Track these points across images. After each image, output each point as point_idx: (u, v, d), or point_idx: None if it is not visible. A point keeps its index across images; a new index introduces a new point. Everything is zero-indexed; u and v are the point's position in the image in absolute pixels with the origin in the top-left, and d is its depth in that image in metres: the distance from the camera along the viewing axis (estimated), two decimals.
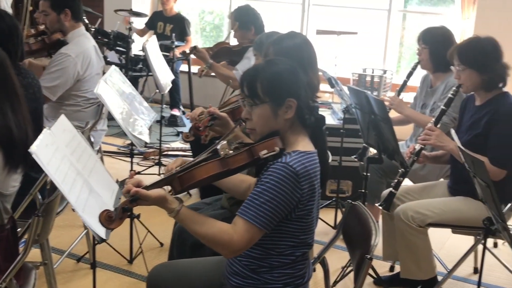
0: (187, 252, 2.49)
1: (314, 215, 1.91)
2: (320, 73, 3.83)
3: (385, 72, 6.05)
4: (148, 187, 1.76)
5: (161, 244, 3.54)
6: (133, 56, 5.92)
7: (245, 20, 4.24)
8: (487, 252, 3.37)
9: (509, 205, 2.91)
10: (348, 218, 2.26)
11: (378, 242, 1.92)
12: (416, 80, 3.89)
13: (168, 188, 1.81)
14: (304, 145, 1.88)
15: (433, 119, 3.07)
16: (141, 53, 5.80)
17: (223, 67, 4.20)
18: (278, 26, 5.34)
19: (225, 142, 1.80)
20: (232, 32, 4.33)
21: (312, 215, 1.88)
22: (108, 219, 1.69)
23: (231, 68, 4.23)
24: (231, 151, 1.78)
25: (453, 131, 2.53)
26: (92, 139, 3.38)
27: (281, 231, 1.85)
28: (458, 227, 2.98)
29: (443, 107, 3.05)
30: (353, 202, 2.24)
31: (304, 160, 1.81)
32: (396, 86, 3.89)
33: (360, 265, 1.91)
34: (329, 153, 2.98)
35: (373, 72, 6.01)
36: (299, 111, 1.88)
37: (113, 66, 3.35)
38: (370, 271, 3.10)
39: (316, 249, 2.35)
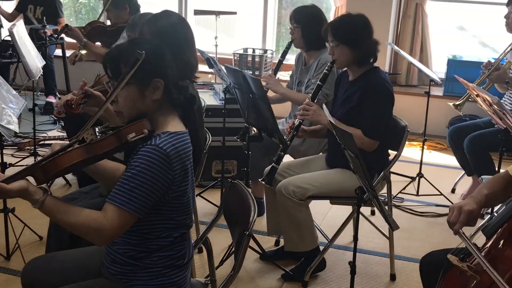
0: (64, 244, 2.40)
1: (190, 195, 1.89)
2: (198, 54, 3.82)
3: (265, 51, 6.14)
4: (8, 179, 1.65)
5: (40, 238, 3.38)
6: (2, 41, 5.55)
7: None
8: (366, 219, 3.59)
9: (382, 173, 3.07)
10: (229, 197, 2.27)
11: (256, 219, 1.94)
12: (292, 59, 3.98)
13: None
14: (174, 125, 1.85)
15: (310, 95, 3.16)
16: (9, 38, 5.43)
17: (99, 47, 4.05)
18: (155, 8, 5.22)
19: (90, 128, 1.71)
20: (105, 13, 4.18)
21: (187, 195, 1.86)
22: None
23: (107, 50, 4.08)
24: (98, 136, 1.70)
25: (324, 106, 2.62)
26: None
27: (156, 214, 1.82)
28: (336, 198, 3.11)
29: (319, 83, 3.15)
30: (232, 181, 2.25)
31: (175, 141, 1.79)
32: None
33: (240, 241, 1.93)
34: (209, 134, 2.98)
35: (253, 52, 6.07)
36: (167, 91, 1.85)
37: None
38: (256, 247, 3.16)
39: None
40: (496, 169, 3.13)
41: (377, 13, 5.43)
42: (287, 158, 3.60)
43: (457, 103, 3.94)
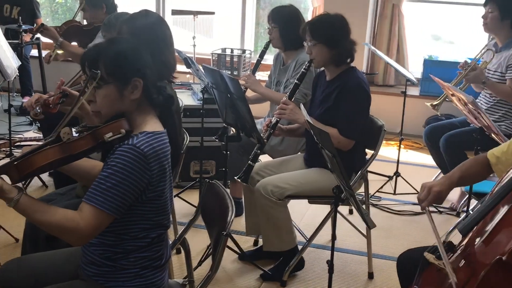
0: (41, 245, 2.37)
1: (167, 195, 1.88)
2: (176, 54, 3.80)
3: (244, 51, 6.13)
4: None
5: (16, 240, 3.33)
6: None
7: None
8: (344, 219, 3.60)
9: (359, 172, 3.09)
10: (206, 197, 2.26)
11: (233, 219, 1.94)
12: (271, 59, 3.98)
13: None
14: (153, 125, 1.85)
15: (288, 94, 3.17)
16: None
17: (76, 47, 4.01)
18: (133, 7, 5.18)
19: (67, 126, 1.70)
20: (82, 13, 4.14)
21: (164, 196, 1.86)
22: None
23: (84, 50, 4.05)
24: (75, 135, 1.69)
25: (302, 106, 2.63)
26: None
27: (133, 215, 1.81)
28: (314, 197, 3.12)
29: (297, 82, 3.16)
30: (210, 181, 2.25)
31: (152, 141, 1.78)
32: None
33: (218, 242, 1.92)
34: (187, 134, 2.97)
35: (232, 52, 6.07)
36: (146, 91, 1.84)
37: None
38: (234, 247, 3.16)
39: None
40: None
41: (354, 14, 5.46)
42: (266, 158, 3.61)
43: (435, 103, 3.98)
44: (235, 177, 3.15)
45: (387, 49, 5.91)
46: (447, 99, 3.89)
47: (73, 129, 1.72)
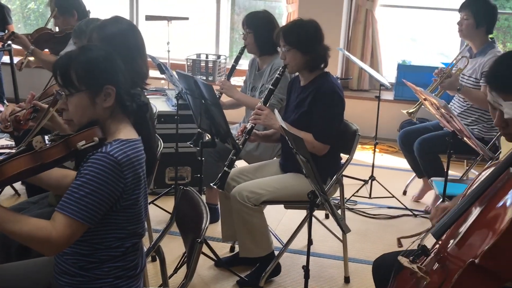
0: (13, 255, 2.32)
1: (142, 204, 1.87)
2: (149, 60, 3.78)
3: (219, 57, 6.13)
4: None
5: None
6: None
7: (65, 5, 4.03)
8: (320, 223, 3.61)
9: (334, 177, 3.10)
10: (181, 204, 2.25)
11: (208, 225, 1.93)
12: (246, 64, 3.99)
13: None
14: (126, 133, 1.83)
15: (262, 99, 3.17)
16: None
17: (47, 54, 3.96)
18: (105, 13, 5.15)
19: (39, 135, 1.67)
20: (53, 20, 4.09)
21: (139, 204, 1.84)
22: None
23: (56, 57, 4.00)
24: (47, 144, 1.66)
25: (276, 111, 2.64)
26: None
27: (107, 224, 1.79)
28: (290, 203, 3.12)
29: (271, 87, 3.17)
30: (185, 188, 2.24)
31: (126, 149, 1.76)
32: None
33: (192, 249, 1.91)
34: (161, 140, 2.95)
35: (207, 58, 6.06)
36: (119, 98, 1.82)
37: None
38: (211, 254, 3.14)
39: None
40: (445, 170, 3.20)
41: (328, 19, 5.50)
42: (242, 164, 3.61)
43: (411, 110, 4.02)
44: (211, 184, 3.14)
45: (361, 54, 5.95)
46: (423, 106, 3.94)
47: (46, 137, 1.70)
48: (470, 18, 3.84)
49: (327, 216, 3.97)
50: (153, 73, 4.46)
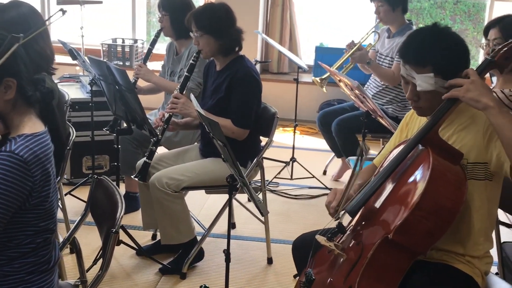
0: None
1: (53, 199, 1.78)
2: (60, 45, 3.63)
3: (135, 41, 5.99)
4: None
5: None
6: None
7: None
8: (242, 206, 3.62)
9: (254, 160, 3.11)
10: (96, 193, 2.18)
11: (123, 215, 1.88)
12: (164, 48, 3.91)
13: None
14: (31, 126, 1.73)
15: (179, 87, 3.11)
16: None
17: None
18: None
19: None
20: None
21: (50, 200, 1.75)
22: None
23: None
24: None
25: (192, 96, 2.59)
26: None
27: (17, 223, 1.70)
28: (210, 188, 3.10)
29: (187, 74, 3.12)
30: (99, 177, 2.17)
31: (32, 145, 1.67)
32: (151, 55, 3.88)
33: (107, 239, 1.86)
34: (73, 128, 2.85)
35: (123, 42, 5.90)
36: (21, 89, 1.72)
37: None
38: (131, 243, 3.08)
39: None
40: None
41: (246, 2, 5.50)
42: (162, 150, 3.55)
43: (323, 77, 4.16)
44: (132, 177, 3.07)
45: (280, 37, 5.98)
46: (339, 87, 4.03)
47: None
48: (384, 4, 3.95)
49: (249, 199, 3.98)
50: (67, 59, 4.30)
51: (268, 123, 3.15)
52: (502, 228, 2.45)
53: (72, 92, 4.07)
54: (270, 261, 3.25)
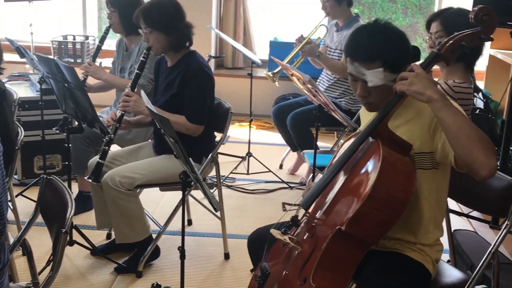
0: None
1: (2, 200, 1.73)
2: (7, 43, 3.53)
3: (87, 38, 5.88)
4: None
5: None
6: None
7: None
8: (198, 202, 3.60)
9: (209, 156, 3.09)
10: (45, 194, 2.13)
11: (72, 215, 1.84)
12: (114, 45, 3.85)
13: None
14: None
15: (130, 84, 3.07)
16: None
17: None
18: None
19: None
20: None
21: None
22: None
23: None
24: None
25: (143, 93, 2.56)
26: None
27: None
28: (164, 185, 3.07)
29: (137, 71, 3.07)
30: (48, 177, 2.12)
31: None
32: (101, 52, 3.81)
33: (57, 240, 1.81)
34: (21, 128, 2.78)
35: (74, 39, 5.79)
36: None
37: None
38: (85, 243, 3.02)
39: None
40: (314, 143, 3.31)
41: None
42: (114, 148, 3.49)
43: (275, 71, 4.21)
44: (86, 178, 3.01)
45: (234, 32, 5.97)
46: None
47: None
48: None
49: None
50: (16, 57, 4.19)
51: (222, 118, 3.14)
52: (453, 217, 2.50)
53: (22, 90, 3.97)
54: (227, 256, 3.25)
